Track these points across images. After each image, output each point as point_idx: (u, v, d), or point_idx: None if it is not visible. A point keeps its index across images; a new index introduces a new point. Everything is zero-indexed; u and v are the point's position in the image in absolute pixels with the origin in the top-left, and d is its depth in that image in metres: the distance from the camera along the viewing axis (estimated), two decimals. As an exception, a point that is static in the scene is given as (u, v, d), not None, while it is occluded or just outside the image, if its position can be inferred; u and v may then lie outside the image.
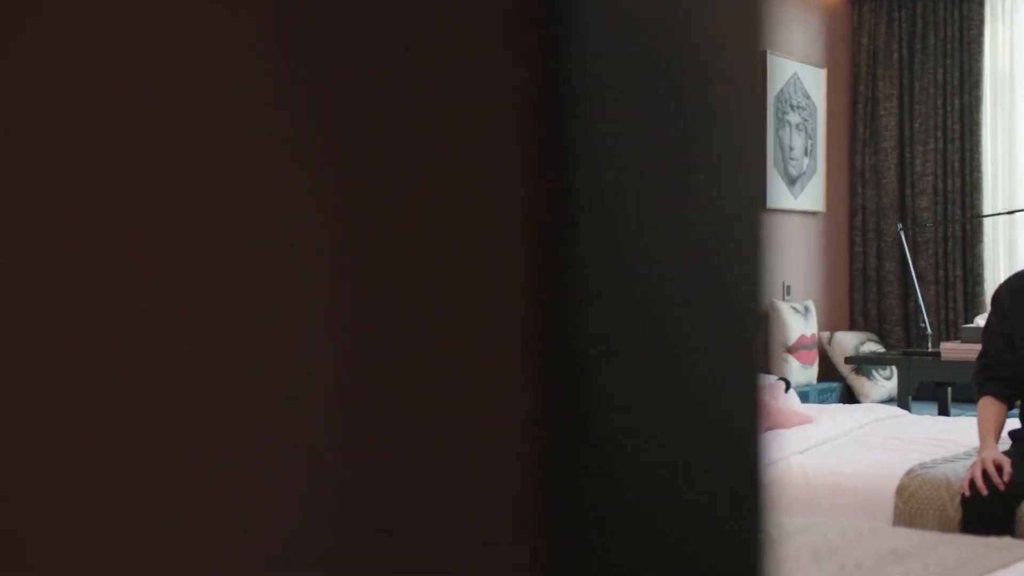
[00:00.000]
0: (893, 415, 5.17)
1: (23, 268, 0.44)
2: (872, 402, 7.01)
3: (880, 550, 2.72)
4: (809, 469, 4.09)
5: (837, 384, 7.15)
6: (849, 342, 7.25)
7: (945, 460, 4.08)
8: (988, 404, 3.90)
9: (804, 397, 6.63)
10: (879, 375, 7.13)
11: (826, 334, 7.31)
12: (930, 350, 6.23)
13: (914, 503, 3.81)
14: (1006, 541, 2.86)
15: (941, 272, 7.44)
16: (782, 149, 6.97)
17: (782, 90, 6.95)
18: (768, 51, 6.67)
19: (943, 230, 7.44)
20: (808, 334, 6.91)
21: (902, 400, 6.02)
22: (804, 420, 4.75)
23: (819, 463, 4.14)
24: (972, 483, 3.62)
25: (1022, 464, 3.73)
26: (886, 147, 7.58)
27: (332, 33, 0.47)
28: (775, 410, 4.72)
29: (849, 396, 7.18)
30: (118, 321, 0.45)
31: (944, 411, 6.22)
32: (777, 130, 6.92)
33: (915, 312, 7.30)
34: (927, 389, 6.95)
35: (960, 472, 3.83)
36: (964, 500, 3.64)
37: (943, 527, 3.73)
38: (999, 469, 3.62)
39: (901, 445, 4.43)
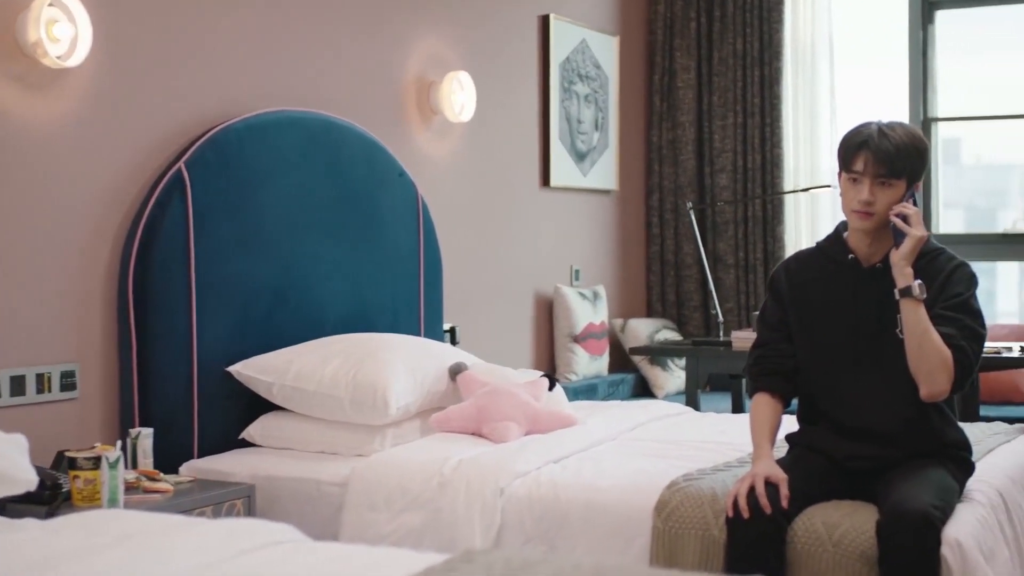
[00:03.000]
0: (673, 413, 4.64)
1: None
2: (668, 394, 6.53)
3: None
4: (560, 483, 3.52)
5: (631, 375, 6.64)
6: (644, 330, 6.75)
7: (715, 469, 3.55)
8: (763, 402, 3.39)
9: (592, 390, 6.12)
10: (675, 365, 6.65)
11: (619, 321, 6.79)
12: (722, 339, 5.76)
13: (674, 523, 3.27)
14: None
15: (741, 254, 7.00)
16: (569, 122, 6.42)
17: (568, 58, 6.40)
18: (552, 15, 6.13)
19: (743, 210, 6.99)
20: (597, 322, 6.38)
21: (690, 394, 5.54)
22: (567, 422, 4.19)
23: (573, 475, 3.58)
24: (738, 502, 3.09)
25: (800, 473, 3.22)
26: (683, 121, 7.10)
27: None
28: (534, 412, 4.15)
29: (644, 388, 6.69)
30: None
31: (738, 405, 5.78)
32: (563, 101, 6.37)
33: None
34: (725, 380, 6.51)
35: (729, 484, 3.30)
36: (729, 520, 3.10)
37: (706, 551, 3.20)
38: (774, 488, 3.09)
39: (672, 450, 3.90)
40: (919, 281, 3.16)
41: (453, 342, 5.35)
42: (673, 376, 6.63)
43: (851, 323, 3.30)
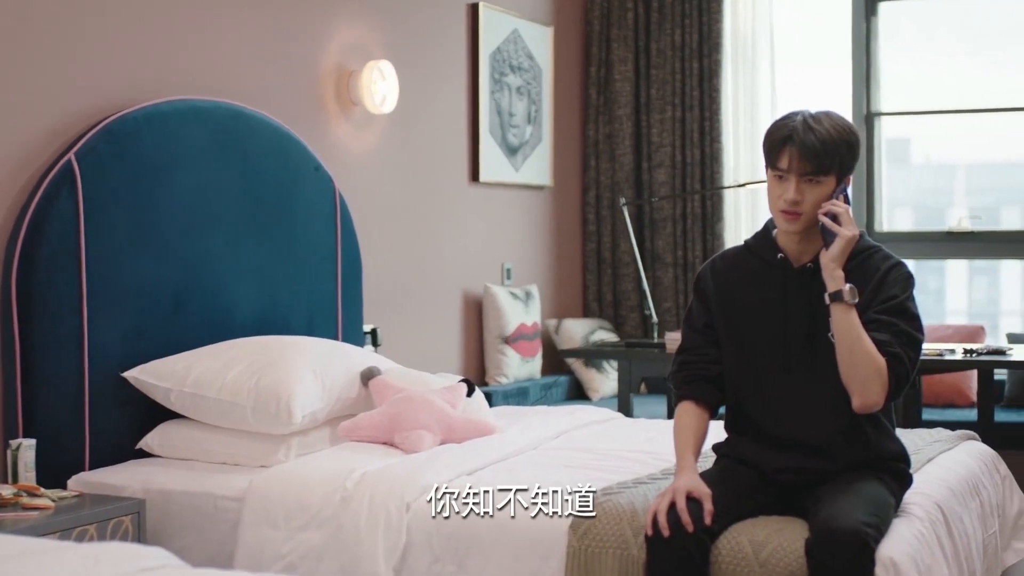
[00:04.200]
0: (601, 419, 4.41)
1: None
2: (603, 397, 6.32)
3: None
4: (471, 498, 3.28)
5: (565, 378, 6.41)
6: (579, 331, 6.52)
7: (638, 482, 3.32)
8: (687, 411, 3.17)
9: (524, 394, 5.90)
10: (611, 367, 6.42)
11: (553, 322, 6.56)
12: (656, 341, 5.54)
13: (591, 541, 3.04)
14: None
15: (680, 252, 6.79)
16: (500, 115, 6.18)
17: (499, 48, 6.16)
18: (482, 3, 5.89)
19: (681, 206, 6.77)
20: (529, 323, 6.15)
21: (622, 398, 5.31)
22: (485, 431, 3.95)
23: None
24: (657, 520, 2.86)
25: (726, 487, 3.00)
26: (621, 115, 6.88)
27: None
28: (449, 419, 3.90)
29: (579, 391, 6.46)
30: None
31: (673, 410, 5.55)
32: (493, 93, 6.13)
33: (654, 297, 6.64)
34: (662, 382, 6.29)
35: (651, 498, 3.07)
36: (649, 538, 2.88)
37: (625, 571, 2.98)
38: (697, 504, 2.87)
39: (594, 461, 3.67)
40: (850, 285, 2.95)
41: (375, 344, 5.10)
42: (609, 378, 6.41)
43: (781, 326, 3.09)
